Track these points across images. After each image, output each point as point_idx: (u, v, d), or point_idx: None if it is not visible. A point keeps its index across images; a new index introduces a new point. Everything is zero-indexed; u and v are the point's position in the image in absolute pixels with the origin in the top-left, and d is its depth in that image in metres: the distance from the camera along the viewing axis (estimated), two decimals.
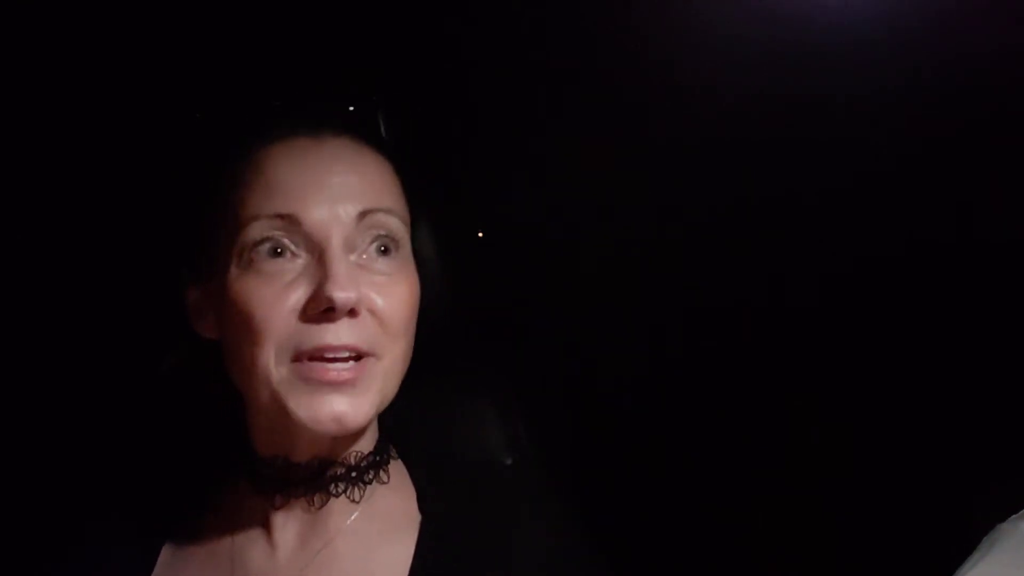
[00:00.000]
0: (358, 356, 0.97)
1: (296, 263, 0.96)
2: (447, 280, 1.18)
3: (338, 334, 0.95)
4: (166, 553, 1.06)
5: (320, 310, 0.95)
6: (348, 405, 0.96)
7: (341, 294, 0.94)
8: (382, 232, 0.99)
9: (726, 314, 1.84)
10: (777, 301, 1.83)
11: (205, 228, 1.01)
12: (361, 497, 1.03)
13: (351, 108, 1.04)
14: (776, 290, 1.83)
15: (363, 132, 1.03)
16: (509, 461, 1.29)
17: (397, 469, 1.08)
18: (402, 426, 1.06)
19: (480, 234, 1.78)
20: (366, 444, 1.04)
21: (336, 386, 0.96)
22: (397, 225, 1.00)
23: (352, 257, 0.97)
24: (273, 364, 0.96)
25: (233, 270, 0.97)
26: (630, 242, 1.80)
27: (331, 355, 0.96)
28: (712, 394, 1.86)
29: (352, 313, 0.96)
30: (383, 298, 0.98)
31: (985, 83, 1.72)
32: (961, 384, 1.78)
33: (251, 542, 1.04)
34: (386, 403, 1.01)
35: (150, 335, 1.08)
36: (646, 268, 1.81)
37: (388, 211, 0.99)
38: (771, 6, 1.72)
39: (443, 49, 1.73)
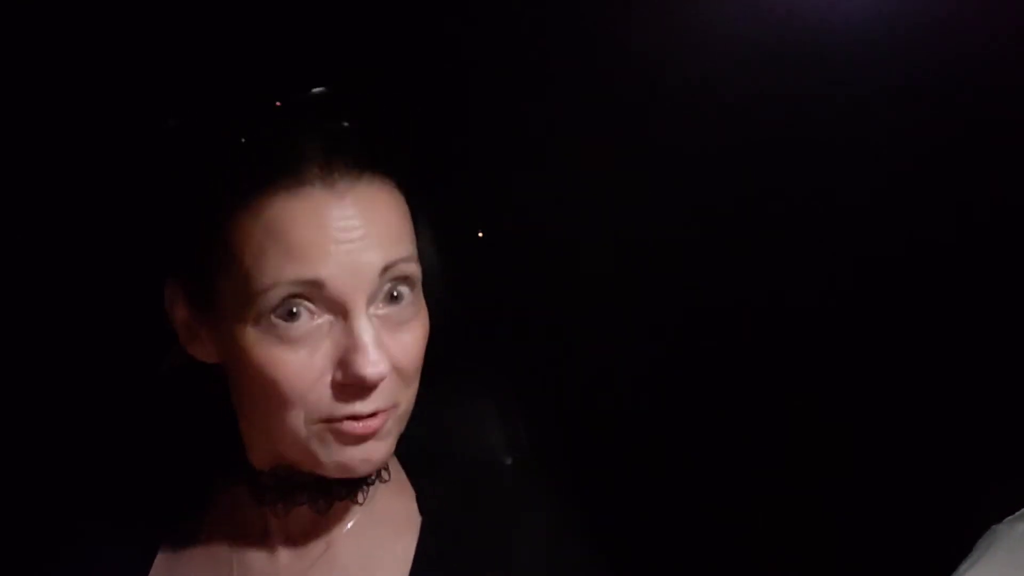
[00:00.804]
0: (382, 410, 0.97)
1: (316, 322, 0.93)
2: (447, 281, 1.18)
3: (367, 402, 0.95)
4: (163, 555, 1.06)
5: (350, 382, 0.93)
6: (375, 451, 0.97)
7: (374, 370, 0.92)
8: (401, 280, 0.96)
9: (726, 314, 1.84)
10: (778, 301, 1.83)
11: (202, 265, 0.97)
12: (365, 498, 1.03)
13: (362, 142, 0.98)
14: (777, 290, 1.83)
15: (374, 167, 0.97)
16: (509, 461, 1.30)
17: (396, 469, 1.08)
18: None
19: (480, 234, 1.77)
20: None
21: (365, 439, 0.96)
22: (414, 268, 0.98)
23: (371, 309, 0.95)
24: (303, 424, 0.95)
25: (250, 330, 0.93)
26: (630, 242, 1.80)
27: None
28: (712, 394, 1.86)
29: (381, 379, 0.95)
30: (403, 352, 0.96)
31: (986, 83, 1.72)
32: (959, 385, 1.78)
33: (251, 544, 1.04)
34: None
35: (148, 336, 1.07)
36: (646, 268, 1.81)
37: (407, 259, 0.97)
38: (772, 6, 1.72)
39: (442, 49, 1.73)
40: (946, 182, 1.77)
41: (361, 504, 1.03)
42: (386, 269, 0.94)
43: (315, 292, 0.92)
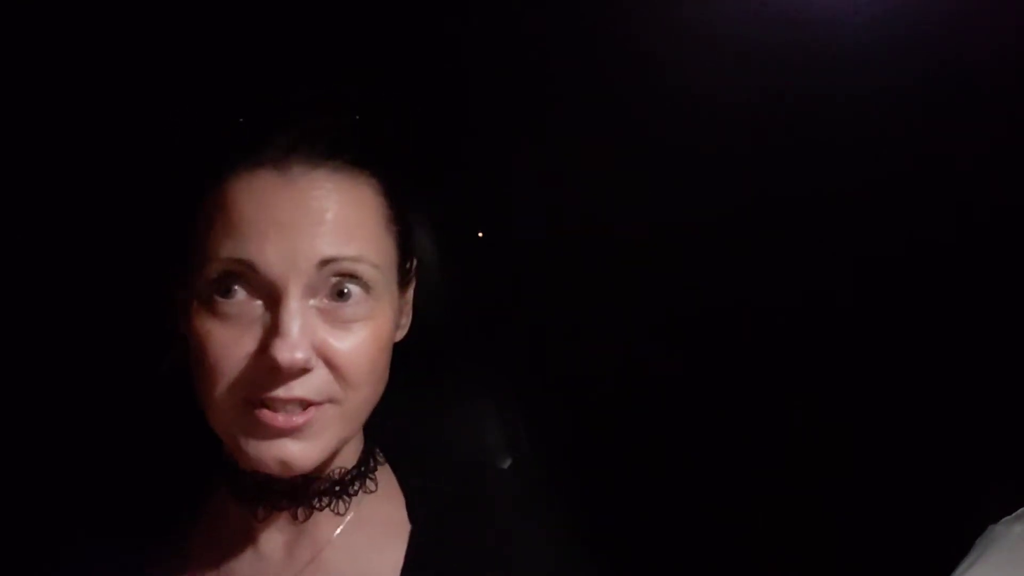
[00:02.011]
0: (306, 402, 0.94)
1: (253, 305, 0.93)
2: (444, 282, 1.18)
3: (289, 388, 0.92)
4: (153, 560, 1.06)
5: (268, 366, 0.92)
6: (297, 450, 0.93)
7: (286, 356, 0.90)
8: (348, 278, 0.94)
9: (726, 314, 1.84)
10: (778, 302, 1.83)
11: (186, 243, 0.98)
12: (347, 509, 1.03)
13: (324, 129, 0.98)
14: (777, 291, 1.83)
15: (341, 155, 0.96)
16: (505, 464, 1.29)
17: (386, 476, 1.07)
18: (394, 430, 1.06)
19: (480, 234, 1.78)
20: (348, 458, 1.02)
21: (285, 431, 0.93)
22: (365, 269, 0.95)
23: (313, 302, 0.93)
24: (223, 404, 0.93)
25: (195, 304, 0.94)
26: (630, 242, 1.80)
27: (280, 406, 0.93)
28: (712, 394, 1.86)
29: (303, 371, 0.92)
30: (343, 346, 0.93)
31: (987, 83, 1.72)
32: (959, 385, 1.78)
33: (238, 552, 1.03)
34: (342, 443, 0.98)
35: (142, 339, 1.08)
36: (646, 268, 1.81)
37: (357, 259, 0.94)
38: (773, 6, 1.72)
39: (441, 49, 1.73)
40: (946, 182, 1.77)
41: (342, 515, 1.02)
42: (326, 263, 0.93)
43: (249, 273, 0.92)
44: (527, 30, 1.74)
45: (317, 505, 1.01)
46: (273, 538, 1.02)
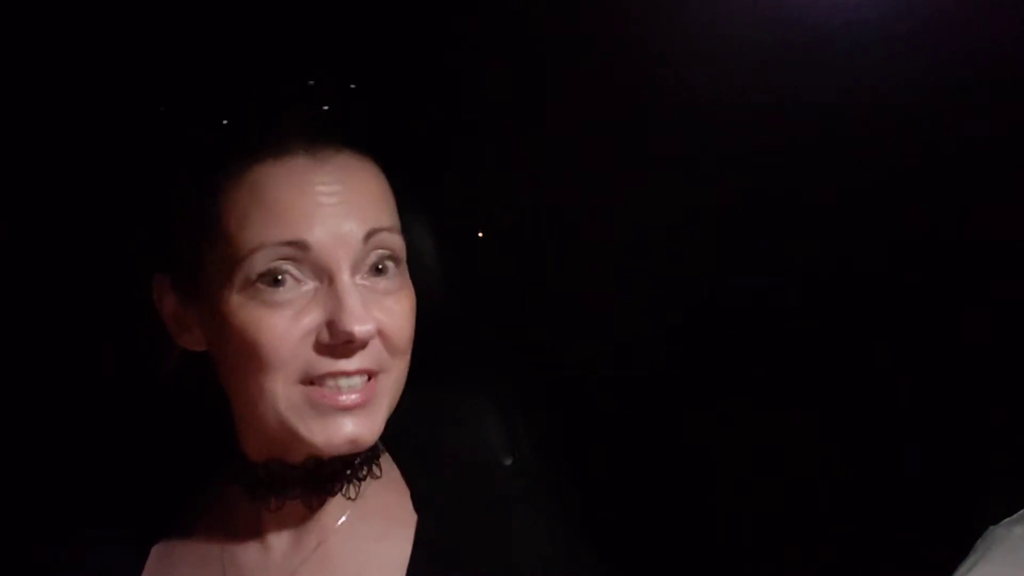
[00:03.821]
0: (368, 376, 0.97)
1: (303, 289, 0.95)
2: (444, 281, 1.18)
3: (353, 361, 0.95)
4: (155, 556, 1.06)
5: (338, 342, 0.94)
6: (362, 426, 0.97)
7: (359, 327, 0.93)
8: (386, 251, 0.98)
9: (726, 315, 1.84)
10: (778, 303, 1.83)
11: (189, 242, 0.99)
12: (357, 494, 1.03)
13: (345, 118, 1.01)
14: (777, 292, 1.83)
15: (358, 144, 1.00)
16: (507, 460, 1.30)
17: (388, 466, 1.08)
18: (398, 425, 1.06)
19: (480, 234, 1.78)
20: None
21: (349, 410, 0.96)
22: (398, 241, 0.99)
23: (357, 278, 0.96)
24: (281, 391, 0.95)
25: (235, 297, 0.94)
26: (630, 242, 1.80)
27: (344, 380, 0.95)
28: (712, 394, 1.86)
29: (365, 342, 0.96)
30: (389, 318, 0.97)
31: (988, 83, 1.72)
32: (958, 385, 1.78)
33: (243, 543, 1.04)
34: (391, 413, 1.01)
35: (142, 336, 1.07)
36: (646, 268, 1.81)
37: (391, 229, 0.98)
38: (773, 6, 1.72)
39: (443, 48, 1.73)
40: (949, 182, 1.77)
41: (353, 500, 1.03)
42: (369, 236, 0.96)
43: (300, 255, 0.94)
44: (527, 30, 1.74)
45: (330, 490, 1.02)
46: (280, 528, 1.03)
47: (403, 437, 1.10)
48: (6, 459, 1.36)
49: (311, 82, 1.00)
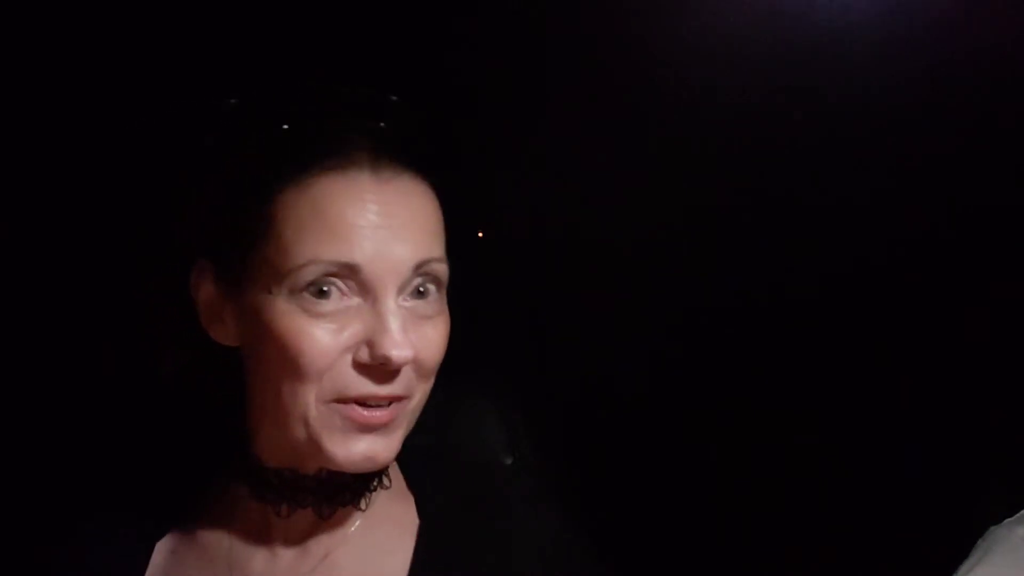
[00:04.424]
0: (397, 399, 0.96)
1: (346, 303, 0.93)
2: (448, 281, 1.18)
3: (386, 386, 0.94)
4: (160, 555, 1.05)
5: (375, 364, 0.94)
6: (382, 446, 0.95)
7: (399, 353, 0.92)
8: (432, 278, 0.96)
9: (726, 315, 1.84)
10: (778, 303, 1.83)
11: (239, 237, 0.98)
12: (367, 505, 1.03)
13: (410, 138, 1.00)
14: (777, 292, 1.83)
15: (422, 167, 0.98)
16: (509, 463, 1.29)
17: (395, 475, 1.08)
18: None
19: (480, 234, 1.77)
20: None
21: (372, 428, 0.95)
22: (444, 270, 0.97)
23: (400, 299, 0.95)
24: (312, 403, 0.94)
25: (281, 303, 0.93)
26: (630, 243, 1.80)
27: (373, 401, 0.95)
28: (712, 394, 1.86)
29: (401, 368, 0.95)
30: (425, 345, 0.96)
31: (988, 84, 1.72)
32: (959, 386, 1.78)
33: (250, 548, 1.03)
34: (408, 432, 1.01)
35: (139, 337, 1.07)
36: (646, 269, 1.81)
37: (440, 260, 0.96)
38: (774, 6, 1.72)
39: (445, 50, 1.73)
40: (948, 182, 1.77)
41: (363, 510, 1.02)
42: (420, 265, 0.95)
43: (349, 273, 0.94)
44: (529, 32, 1.74)
45: (341, 501, 1.01)
46: (289, 535, 1.02)
47: (407, 442, 1.10)
48: (8, 458, 1.36)
49: (391, 97, 0.99)
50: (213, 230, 1.01)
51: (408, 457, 1.07)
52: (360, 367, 0.95)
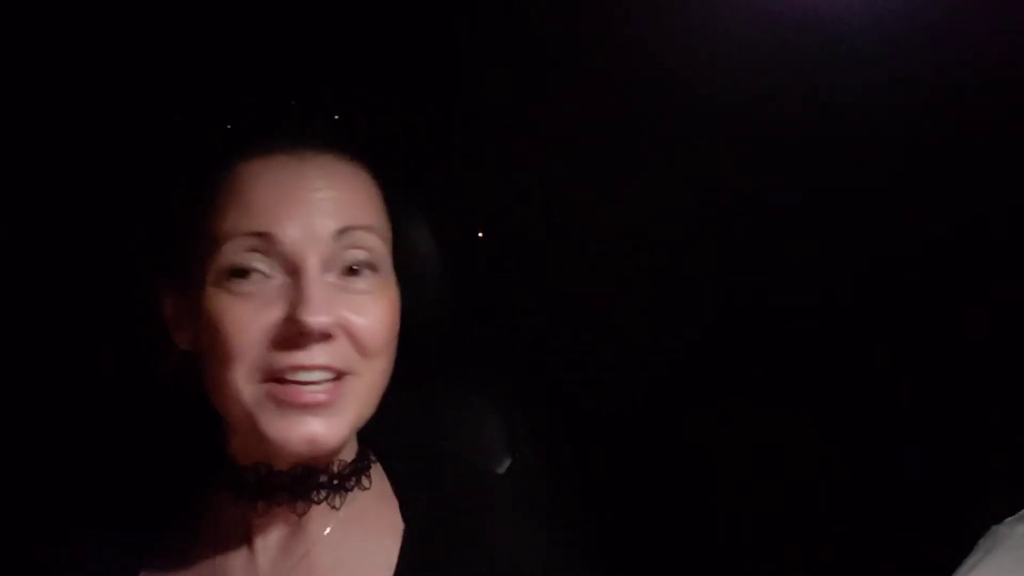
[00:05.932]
0: (335, 376, 0.95)
1: (271, 283, 0.94)
2: (440, 284, 1.18)
3: (312, 354, 0.94)
4: (148, 562, 1.05)
5: (292, 334, 0.94)
6: (323, 427, 0.95)
7: (313, 319, 0.92)
8: (361, 250, 0.97)
9: (726, 316, 1.84)
10: (778, 304, 1.83)
11: (182, 240, 0.99)
12: (342, 504, 1.03)
13: (332, 122, 1.01)
14: (777, 292, 1.83)
15: (344, 147, 1.00)
16: (505, 462, 1.29)
17: (379, 476, 1.07)
18: (388, 432, 1.05)
19: (480, 235, 1.77)
20: (348, 452, 1.03)
21: (310, 408, 0.95)
22: (376, 242, 0.98)
23: (330, 277, 0.96)
24: (244, 384, 0.94)
25: (209, 288, 0.95)
26: (630, 244, 1.80)
27: (305, 376, 0.94)
28: (712, 395, 1.86)
29: (327, 336, 0.94)
30: (362, 318, 0.96)
31: (989, 84, 1.72)
32: (960, 386, 1.78)
33: (232, 550, 1.03)
34: (363, 420, 0.99)
35: (139, 337, 1.07)
36: (646, 269, 1.81)
37: (367, 228, 0.97)
38: (774, 6, 1.72)
39: (441, 48, 1.73)
40: (951, 182, 1.77)
41: (337, 509, 1.02)
42: (341, 232, 0.96)
43: (269, 247, 0.95)
44: (528, 30, 1.74)
45: (315, 498, 1.01)
46: (268, 535, 1.02)
47: (396, 445, 1.09)
48: (4, 460, 1.35)
49: (297, 84, 1.01)
50: (163, 242, 1.03)
51: (395, 460, 1.07)
52: (283, 341, 0.95)
